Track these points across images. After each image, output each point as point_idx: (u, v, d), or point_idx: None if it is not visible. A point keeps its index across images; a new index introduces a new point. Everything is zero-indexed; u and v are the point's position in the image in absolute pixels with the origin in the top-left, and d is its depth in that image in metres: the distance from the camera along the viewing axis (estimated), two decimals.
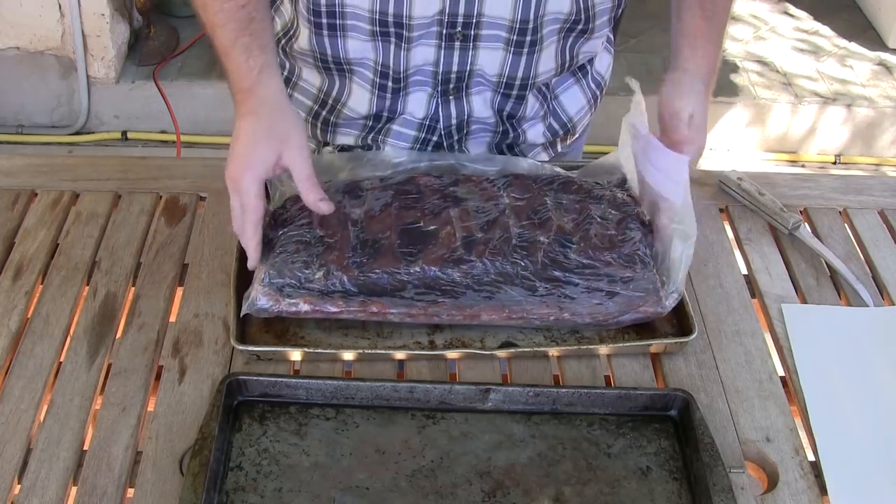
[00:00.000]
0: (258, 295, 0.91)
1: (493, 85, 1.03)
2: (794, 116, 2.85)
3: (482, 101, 1.04)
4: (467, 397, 0.88)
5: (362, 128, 1.08)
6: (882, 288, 1.06)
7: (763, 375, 0.94)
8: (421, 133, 1.07)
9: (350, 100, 1.05)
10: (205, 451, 0.80)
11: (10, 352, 0.92)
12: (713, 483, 0.80)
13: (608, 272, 0.94)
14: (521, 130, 1.09)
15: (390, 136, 1.08)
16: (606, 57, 1.15)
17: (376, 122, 1.07)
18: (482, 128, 1.08)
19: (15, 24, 2.58)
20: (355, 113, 1.06)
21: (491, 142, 1.10)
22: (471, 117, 1.06)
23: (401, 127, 1.07)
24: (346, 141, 1.10)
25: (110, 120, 2.77)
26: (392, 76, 1.01)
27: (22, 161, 1.17)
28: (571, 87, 1.12)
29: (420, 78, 1.02)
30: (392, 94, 1.04)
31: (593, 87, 1.14)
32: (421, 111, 1.05)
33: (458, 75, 1.01)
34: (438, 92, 1.03)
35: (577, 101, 1.13)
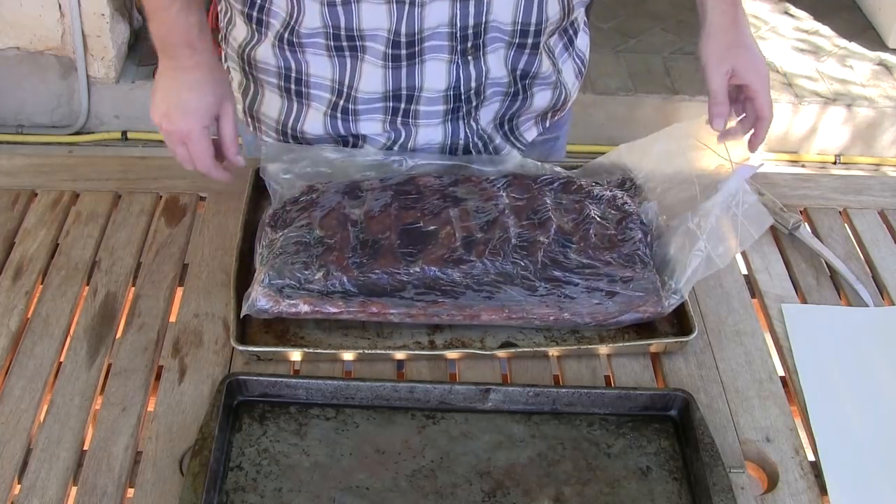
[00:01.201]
0: (258, 296, 0.91)
1: (509, 35, 1.01)
2: (795, 116, 2.85)
3: (497, 59, 1.03)
4: (467, 397, 0.88)
5: (384, 111, 1.06)
6: (882, 288, 1.06)
7: (763, 375, 0.94)
8: (448, 105, 1.05)
9: (362, 81, 1.03)
10: (205, 451, 0.80)
11: (10, 352, 0.92)
12: (713, 483, 0.80)
13: (608, 272, 0.94)
14: (530, 94, 1.09)
15: (420, 117, 1.06)
16: (585, 38, 1.16)
17: (396, 102, 1.05)
18: (496, 91, 1.07)
19: (15, 24, 2.58)
20: (371, 94, 1.04)
21: (500, 108, 1.09)
22: (487, 79, 1.04)
23: (427, 106, 1.05)
24: (372, 129, 1.07)
25: (110, 120, 2.77)
26: (406, 42, 0.99)
27: (22, 161, 1.17)
28: (566, 60, 1.13)
29: (435, 42, 1.00)
30: (407, 64, 1.01)
31: (578, 64, 1.16)
32: (442, 82, 1.03)
33: (475, 30, 0.99)
34: (458, 52, 1.01)
35: (570, 74, 1.14)
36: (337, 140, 1.10)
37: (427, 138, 1.08)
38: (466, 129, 1.08)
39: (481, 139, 1.10)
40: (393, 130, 1.08)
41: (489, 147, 1.11)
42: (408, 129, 1.08)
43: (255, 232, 1.01)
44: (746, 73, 1.00)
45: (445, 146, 1.10)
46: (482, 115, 1.08)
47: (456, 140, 1.09)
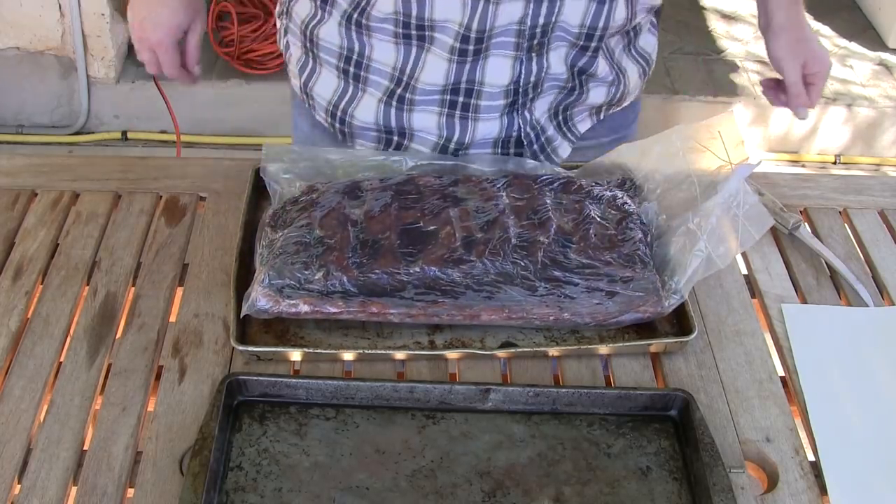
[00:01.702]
0: (258, 296, 0.91)
1: (573, 37, 1.02)
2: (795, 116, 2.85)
3: (558, 56, 1.04)
4: (467, 397, 0.88)
5: (440, 104, 1.06)
6: (882, 288, 1.06)
7: (763, 375, 0.94)
8: (508, 99, 1.05)
9: (424, 72, 1.03)
10: (205, 451, 0.80)
11: (10, 352, 0.92)
12: (713, 483, 0.80)
13: (608, 272, 0.94)
14: (586, 89, 1.09)
15: (481, 111, 1.06)
16: (651, 39, 1.16)
17: (455, 95, 1.05)
18: (553, 85, 1.07)
19: (15, 24, 2.58)
20: (432, 86, 1.04)
21: (554, 100, 1.09)
22: (547, 74, 1.05)
23: (489, 101, 1.05)
24: (425, 123, 1.07)
25: (110, 120, 2.77)
26: (475, 38, 0.99)
27: (22, 161, 1.17)
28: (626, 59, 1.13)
29: (503, 39, 1.00)
30: (472, 60, 1.01)
31: (642, 63, 1.16)
32: (504, 77, 1.03)
33: (543, 29, 1.00)
34: (523, 49, 1.01)
35: (633, 73, 1.14)
36: (384, 134, 1.10)
37: (485, 133, 1.08)
38: (520, 119, 1.08)
39: (534, 130, 1.09)
40: (448, 126, 1.07)
41: (541, 138, 1.11)
42: (464, 124, 1.07)
43: (255, 232, 1.01)
44: (814, 64, 1.10)
45: (499, 140, 1.10)
46: (537, 107, 1.08)
47: (510, 133, 1.09)
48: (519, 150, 1.10)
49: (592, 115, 1.15)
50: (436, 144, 1.09)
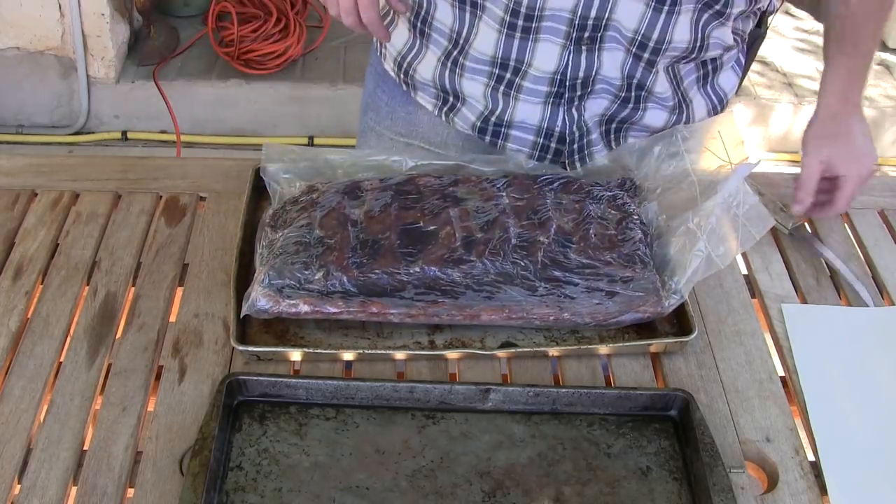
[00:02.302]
0: (258, 296, 0.91)
1: (628, 42, 1.01)
2: (796, 116, 2.85)
3: (612, 59, 1.02)
4: (467, 397, 0.88)
5: (489, 76, 1.06)
6: (882, 288, 1.06)
7: (763, 375, 0.94)
8: (552, 87, 1.05)
9: (477, 39, 1.04)
10: (205, 451, 0.80)
11: (10, 352, 0.92)
12: (713, 483, 0.80)
13: (608, 272, 0.94)
14: (642, 107, 1.08)
15: (522, 92, 1.06)
16: (733, 77, 1.13)
17: (503, 70, 1.05)
18: (606, 88, 1.06)
19: (15, 24, 2.58)
20: (482, 54, 1.05)
21: (609, 108, 1.08)
22: (598, 74, 1.04)
23: (532, 84, 1.05)
24: (473, 90, 1.08)
25: (110, 120, 2.77)
26: (524, 14, 0.99)
27: (22, 161, 1.17)
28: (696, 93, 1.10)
29: (552, 24, 0.99)
30: (521, 37, 1.01)
31: (714, 101, 1.13)
32: (551, 64, 1.03)
33: (595, 23, 0.99)
34: (572, 40, 1.00)
35: (701, 108, 1.12)
36: (441, 92, 1.11)
37: (524, 115, 1.08)
38: (566, 116, 1.08)
39: (579, 130, 1.09)
40: (492, 98, 1.08)
41: (584, 139, 1.10)
42: (506, 101, 1.08)
43: (255, 232, 1.01)
44: (840, 164, 1.05)
45: (541, 129, 1.09)
46: (588, 107, 1.08)
47: (553, 125, 1.08)
48: (560, 145, 1.10)
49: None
50: (480, 114, 1.10)
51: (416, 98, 1.15)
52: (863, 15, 1.02)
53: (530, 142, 1.10)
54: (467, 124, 1.12)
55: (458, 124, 1.13)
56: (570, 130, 1.09)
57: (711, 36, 1.02)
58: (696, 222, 0.96)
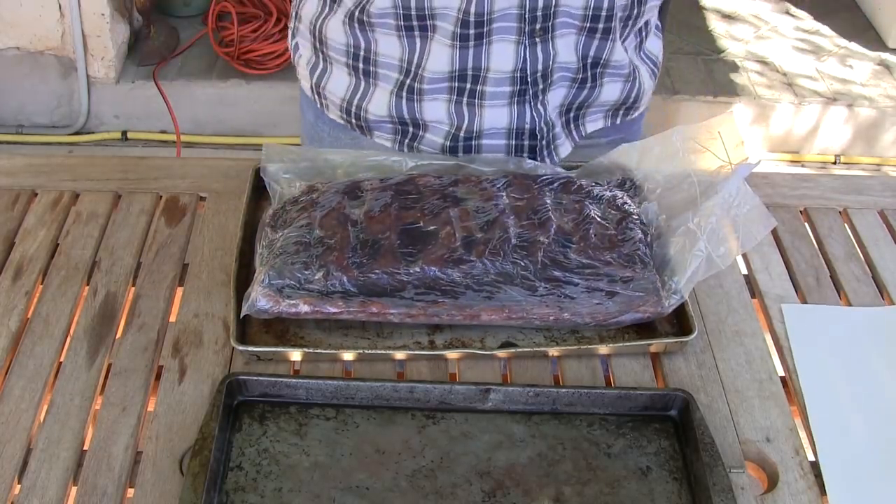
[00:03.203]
0: (258, 296, 0.91)
1: (579, 20, 1.01)
2: (795, 116, 2.85)
3: (566, 44, 1.03)
4: (467, 397, 0.88)
5: (449, 91, 1.06)
6: (882, 288, 1.06)
7: (763, 375, 0.94)
8: (515, 86, 1.05)
9: (430, 60, 1.04)
10: (205, 451, 0.80)
11: (10, 352, 0.92)
12: (713, 483, 0.80)
13: (608, 272, 0.94)
14: (600, 83, 1.08)
15: (486, 98, 1.06)
16: (657, 41, 1.16)
17: (462, 82, 1.05)
18: (564, 76, 1.06)
19: (15, 24, 2.59)
20: (438, 73, 1.04)
21: (566, 96, 1.08)
22: (555, 63, 1.04)
23: (494, 87, 1.05)
24: (436, 114, 1.07)
25: (110, 120, 2.77)
26: (475, 22, 0.99)
27: (22, 161, 1.17)
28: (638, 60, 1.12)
29: (503, 24, 1.00)
30: (475, 45, 1.01)
31: (651, 66, 1.15)
32: (509, 63, 1.03)
33: (544, 12, 0.99)
34: (526, 33, 1.01)
35: (645, 74, 1.14)
36: (399, 125, 1.10)
37: (493, 121, 1.08)
38: (533, 112, 1.08)
39: (547, 125, 1.09)
40: (457, 114, 1.08)
41: (550, 134, 1.10)
42: (472, 112, 1.07)
43: (255, 232, 1.01)
44: None
45: (511, 130, 1.09)
46: (550, 100, 1.08)
47: (522, 124, 1.08)
48: (533, 141, 1.10)
49: (607, 118, 1.14)
50: (447, 133, 1.09)
51: (373, 139, 1.13)
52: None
53: (503, 146, 1.11)
54: (435, 148, 1.12)
55: (426, 151, 1.13)
56: (539, 127, 1.09)
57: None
58: (696, 222, 0.96)
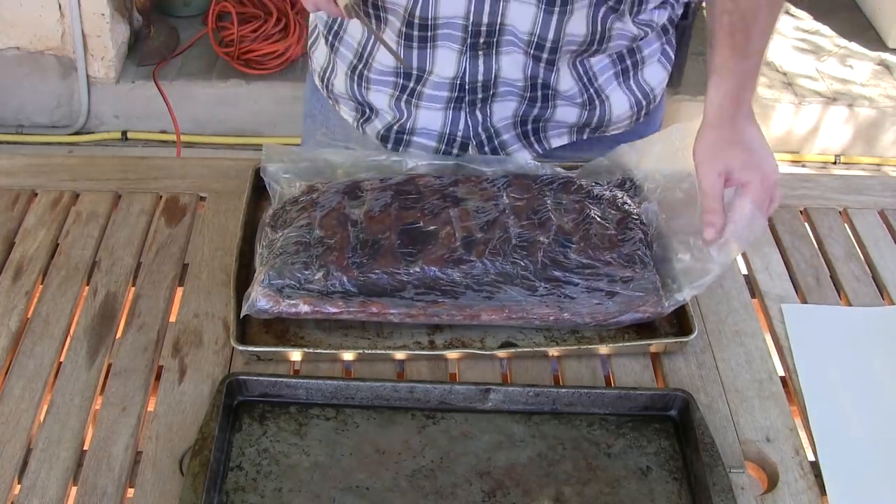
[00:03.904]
0: (258, 296, 0.91)
1: (524, 44, 1.01)
2: (795, 116, 2.85)
3: (512, 61, 1.03)
4: (467, 397, 0.88)
5: (394, 86, 1.08)
6: (882, 288, 1.06)
7: (763, 375, 0.94)
8: (453, 93, 1.06)
9: (380, 52, 1.06)
10: (205, 451, 0.80)
11: (10, 352, 0.92)
12: (713, 483, 0.80)
13: (608, 272, 0.94)
14: (552, 105, 1.07)
15: (423, 99, 1.07)
16: (660, 71, 1.12)
17: (406, 80, 1.06)
18: (510, 91, 1.06)
19: (15, 24, 2.58)
20: (385, 66, 1.06)
21: (517, 109, 1.08)
22: (498, 78, 1.04)
23: (432, 90, 1.06)
24: (380, 102, 1.10)
25: (110, 120, 2.77)
26: (419, 24, 1.00)
27: (22, 161, 1.17)
28: (615, 88, 1.09)
29: (449, 31, 1.00)
30: (419, 46, 1.02)
31: (639, 96, 1.11)
32: (450, 69, 1.03)
33: (489, 28, 0.99)
34: (468, 45, 1.01)
35: (621, 103, 1.10)
36: (357, 104, 1.13)
37: (426, 122, 1.09)
38: (468, 118, 1.08)
39: (486, 132, 1.09)
40: (397, 109, 1.09)
41: (493, 141, 1.10)
42: (409, 109, 1.09)
43: (255, 232, 1.01)
44: (741, 171, 0.92)
45: (444, 135, 1.10)
46: (495, 110, 1.08)
47: (455, 130, 1.09)
48: (462, 151, 1.11)
49: (572, 134, 1.13)
50: (388, 124, 1.12)
51: (339, 111, 1.17)
52: (752, 11, 0.92)
53: (432, 147, 1.11)
54: (375, 134, 1.14)
55: (368, 134, 1.15)
56: (474, 133, 1.09)
57: (613, 28, 1.01)
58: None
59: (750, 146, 0.94)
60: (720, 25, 0.94)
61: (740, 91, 0.94)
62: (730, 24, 0.93)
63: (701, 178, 0.94)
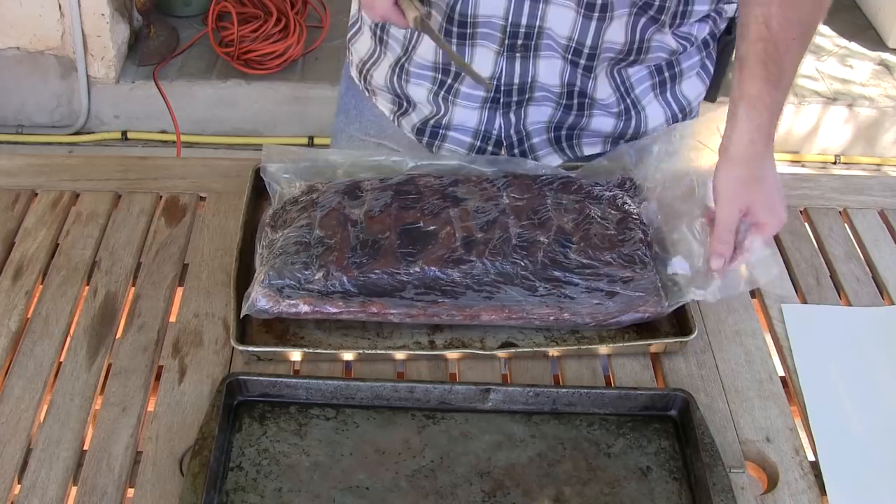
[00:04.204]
0: (258, 296, 0.91)
1: (563, 49, 1.01)
2: (796, 116, 2.85)
3: (549, 66, 1.03)
4: (467, 397, 0.88)
5: (432, 81, 1.08)
6: (882, 288, 1.06)
7: (763, 375, 0.94)
8: (488, 93, 1.06)
9: (421, 46, 1.06)
10: (205, 451, 0.80)
11: (10, 352, 0.92)
12: (713, 483, 0.80)
13: (608, 272, 0.94)
14: (587, 114, 1.08)
15: (460, 96, 1.08)
16: (698, 85, 1.11)
17: (444, 75, 1.07)
18: (546, 95, 1.06)
19: (15, 24, 2.58)
20: (425, 60, 1.07)
21: (553, 115, 1.08)
22: (535, 81, 1.04)
23: (469, 88, 1.07)
24: (419, 95, 1.10)
25: (110, 120, 2.77)
26: (458, 21, 1.00)
27: (22, 161, 1.17)
28: (652, 100, 1.09)
29: (487, 31, 1.00)
30: (458, 44, 1.02)
31: (675, 109, 1.11)
32: (487, 69, 1.04)
33: (527, 30, 0.99)
34: (506, 46, 1.01)
35: (657, 115, 1.10)
36: (394, 96, 1.13)
37: (462, 119, 1.10)
38: (502, 119, 1.08)
39: (517, 134, 1.09)
40: (435, 103, 1.10)
41: (524, 144, 1.10)
42: (446, 105, 1.09)
43: (256, 232, 1.01)
44: (760, 212, 0.92)
45: (479, 132, 1.10)
46: (529, 113, 1.08)
47: (490, 128, 1.09)
48: (497, 149, 1.11)
49: (606, 143, 1.12)
50: (425, 118, 1.12)
51: (376, 103, 1.17)
52: (785, 41, 0.88)
53: (467, 143, 1.11)
54: (410, 126, 1.14)
55: (404, 127, 1.15)
56: (506, 134, 1.10)
57: (652, 39, 1.01)
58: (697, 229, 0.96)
59: (772, 187, 0.92)
60: (754, 53, 0.89)
61: (771, 127, 0.91)
62: (764, 53, 0.88)
63: (720, 210, 0.92)
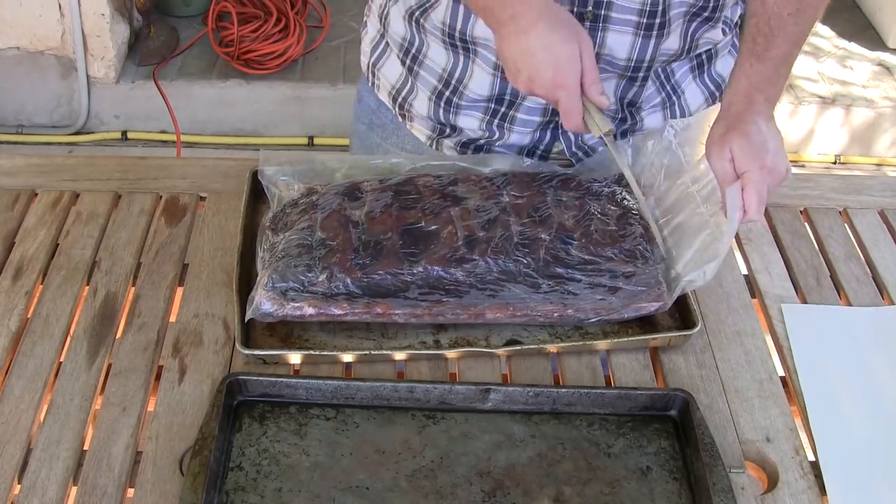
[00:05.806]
0: (262, 299, 0.90)
1: (621, 69, 1.02)
2: (795, 117, 2.85)
3: (605, 87, 1.00)
4: (467, 397, 0.88)
5: (485, 111, 1.08)
6: (882, 288, 1.06)
7: (763, 375, 0.94)
8: (545, 117, 1.07)
9: (472, 81, 1.05)
10: (205, 451, 0.80)
11: (10, 352, 0.92)
12: (713, 483, 0.80)
13: (610, 267, 0.94)
14: (639, 118, 1.09)
15: (516, 123, 1.08)
16: (729, 60, 1.12)
17: (498, 105, 1.07)
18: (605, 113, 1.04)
19: (15, 24, 2.58)
20: (477, 95, 1.06)
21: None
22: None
23: (525, 115, 1.07)
24: (469, 124, 1.10)
25: (110, 120, 2.77)
26: None
27: (22, 161, 1.17)
28: (690, 83, 1.11)
29: None
30: None
31: (712, 88, 1.13)
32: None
33: None
34: None
35: (696, 96, 1.12)
36: (437, 124, 1.12)
37: (516, 140, 1.10)
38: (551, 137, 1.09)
39: (580, 149, 1.10)
40: (489, 129, 1.10)
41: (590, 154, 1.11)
42: (501, 132, 1.09)
43: (255, 235, 1.01)
44: (742, 158, 0.92)
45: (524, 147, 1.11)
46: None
47: (538, 144, 1.10)
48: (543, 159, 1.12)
49: None
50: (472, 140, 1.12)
51: (411, 129, 1.16)
52: (778, 17, 0.93)
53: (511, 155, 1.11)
54: (453, 144, 1.13)
55: (446, 145, 1.14)
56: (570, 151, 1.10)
57: (702, 38, 1.04)
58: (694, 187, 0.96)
59: (752, 137, 0.92)
60: (747, 28, 0.96)
61: (753, 91, 0.94)
62: (755, 27, 0.95)
63: (712, 165, 0.95)
